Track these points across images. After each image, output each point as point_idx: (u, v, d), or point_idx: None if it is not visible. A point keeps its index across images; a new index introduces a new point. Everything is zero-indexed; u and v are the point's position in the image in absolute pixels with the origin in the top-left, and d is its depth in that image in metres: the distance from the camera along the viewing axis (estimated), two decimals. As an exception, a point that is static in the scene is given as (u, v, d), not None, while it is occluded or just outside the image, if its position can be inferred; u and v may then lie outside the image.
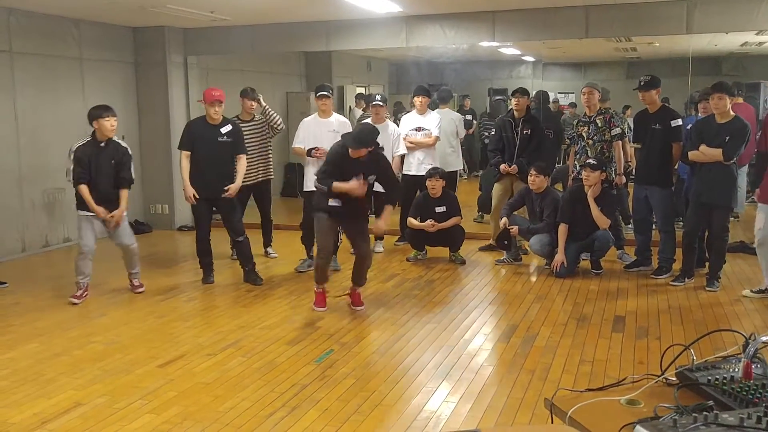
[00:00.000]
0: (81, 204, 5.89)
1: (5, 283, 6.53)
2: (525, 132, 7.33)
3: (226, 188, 6.32)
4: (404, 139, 7.54)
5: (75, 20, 8.34)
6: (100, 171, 5.86)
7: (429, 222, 7.13)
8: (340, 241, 6.29)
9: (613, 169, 6.92)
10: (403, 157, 7.55)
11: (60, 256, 7.94)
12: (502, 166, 7.37)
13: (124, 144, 6.08)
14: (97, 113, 5.83)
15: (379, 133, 5.54)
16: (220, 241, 6.93)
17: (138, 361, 4.57)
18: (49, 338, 5.06)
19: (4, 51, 7.54)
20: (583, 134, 7.02)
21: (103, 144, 5.87)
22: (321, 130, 6.68)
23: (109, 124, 5.82)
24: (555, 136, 8.91)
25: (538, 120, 7.82)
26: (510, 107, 7.67)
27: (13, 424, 3.67)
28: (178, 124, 9.38)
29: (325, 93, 6.74)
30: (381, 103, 7.36)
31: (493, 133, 7.70)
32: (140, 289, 6.28)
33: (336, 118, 6.87)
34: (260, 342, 4.93)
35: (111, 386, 4.15)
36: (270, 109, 7.20)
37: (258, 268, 6.66)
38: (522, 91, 7.41)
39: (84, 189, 5.83)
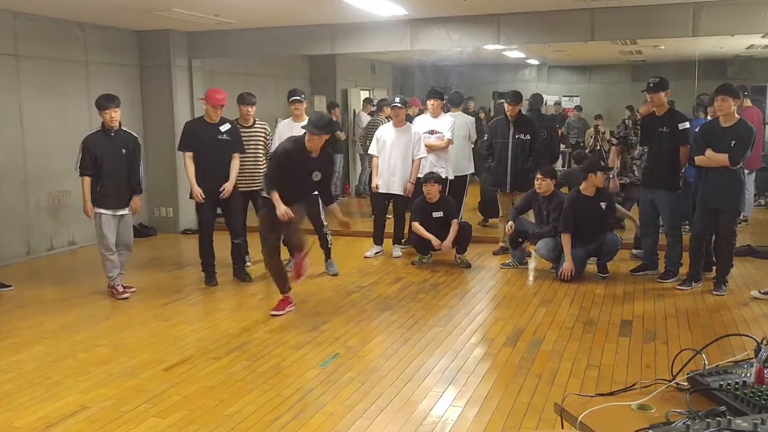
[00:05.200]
0: (98, 201, 5.97)
1: (10, 286, 6.53)
2: (518, 137, 7.39)
3: (221, 189, 6.32)
4: None
5: (80, 24, 8.36)
6: (111, 160, 5.99)
7: (437, 243, 7.09)
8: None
9: None
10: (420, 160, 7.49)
11: (65, 260, 7.94)
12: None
13: (134, 133, 6.26)
14: (98, 103, 5.99)
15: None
16: (226, 246, 6.87)
17: (143, 365, 4.56)
18: (54, 341, 5.06)
19: (10, 54, 7.55)
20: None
21: (112, 134, 6.01)
22: (298, 130, 6.56)
23: (108, 116, 5.95)
24: (548, 136, 8.93)
25: (533, 122, 7.78)
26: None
27: (18, 428, 3.66)
28: (182, 127, 9.37)
29: (297, 98, 7.02)
30: (400, 105, 7.36)
31: (485, 138, 7.67)
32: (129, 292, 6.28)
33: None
34: (265, 346, 4.91)
35: (116, 389, 4.15)
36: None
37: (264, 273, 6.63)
38: (516, 98, 7.43)
39: (87, 182, 5.94)
